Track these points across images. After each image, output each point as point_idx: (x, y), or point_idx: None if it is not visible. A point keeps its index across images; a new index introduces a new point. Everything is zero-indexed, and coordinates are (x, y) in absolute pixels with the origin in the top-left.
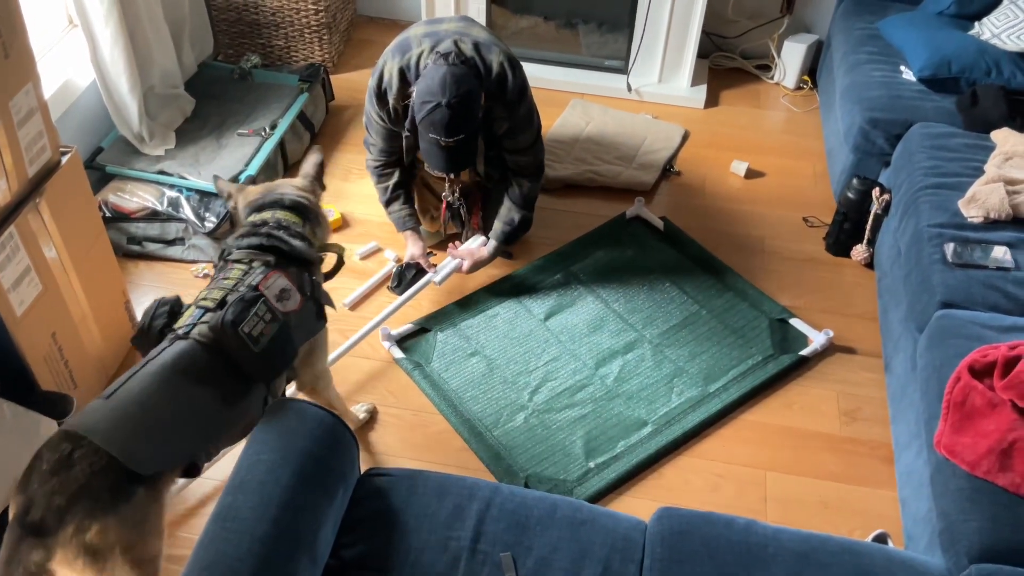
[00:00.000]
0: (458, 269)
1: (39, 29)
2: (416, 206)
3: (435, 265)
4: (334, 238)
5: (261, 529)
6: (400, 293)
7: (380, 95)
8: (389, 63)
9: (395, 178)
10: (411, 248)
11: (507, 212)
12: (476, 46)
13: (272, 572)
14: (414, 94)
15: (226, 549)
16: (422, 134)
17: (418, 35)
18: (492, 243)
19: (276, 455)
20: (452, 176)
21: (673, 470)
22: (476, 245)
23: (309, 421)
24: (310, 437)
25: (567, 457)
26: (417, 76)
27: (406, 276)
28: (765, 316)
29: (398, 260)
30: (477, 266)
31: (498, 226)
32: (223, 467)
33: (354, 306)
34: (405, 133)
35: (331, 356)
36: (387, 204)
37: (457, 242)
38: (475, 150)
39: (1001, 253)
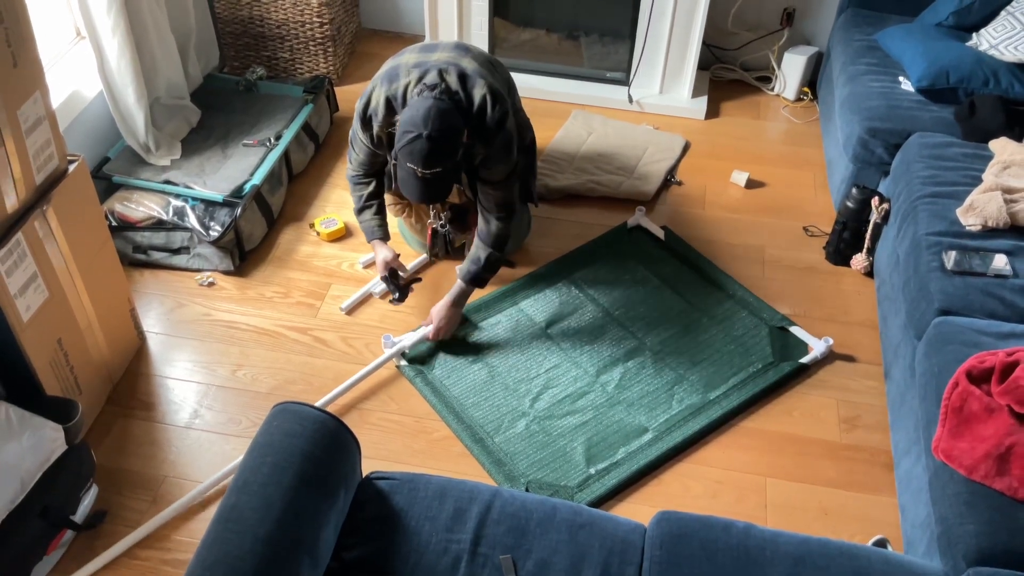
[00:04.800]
0: (426, 336)
1: (47, 41)
2: (413, 219)
3: (404, 267)
4: (336, 247)
5: (263, 530)
6: (399, 299)
7: (365, 120)
8: (377, 90)
9: (370, 188)
10: (381, 254)
11: (475, 250)
12: (462, 78)
13: (274, 572)
14: (398, 123)
15: (228, 549)
16: (400, 163)
17: (408, 64)
18: (457, 284)
19: (278, 457)
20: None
21: (673, 476)
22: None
23: (311, 424)
24: (312, 440)
25: (568, 463)
26: (403, 106)
27: (392, 283)
28: (765, 324)
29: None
30: (446, 325)
31: (464, 266)
32: (218, 473)
33: (351, 311)
34: (392, 161)
35: (345, 384)
36: (359, 212)
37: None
38: (451, 185)
39: (1002, 263)
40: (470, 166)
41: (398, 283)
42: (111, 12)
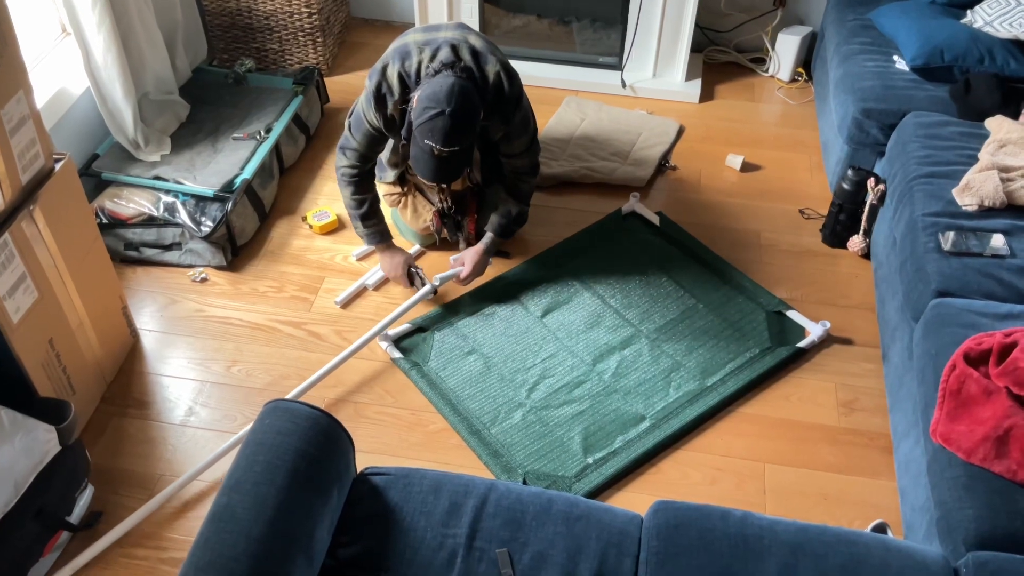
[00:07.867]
0: (456, 276)
1: (32, 38)
2: (409, 211)
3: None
4: (329, 240)
5: (257, 529)
6: (434, 290)
7: (379, 98)
8: (390, 67)
9: (372, 191)
10: (400, 256)
11: (504, 205)
12: (474, 55)
13: (268, 572)
14: (416, 100)
15: (222, 550)
16: (417, 140)
17: (417, 42)
18: (488, 235)
19: (271, 456)
20: (443, 185)
21: (671, 464)
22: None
23: (303, 422)
24: (304, 438)
25: (565, 453)
26: (416, 83)
27: (421, 277)
28: (762, 309)
29: (412, 272)
30: (476, 269)
31: (494, 219)
32: (214, 469)
33: (345, 304)
34: (402, 141)
35: (333, 361)
36: (364, 217)
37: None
38: (464, 165)
39: (999, 243)
40: (484, 143)
41: (423, 276)
42: (96, 7)
